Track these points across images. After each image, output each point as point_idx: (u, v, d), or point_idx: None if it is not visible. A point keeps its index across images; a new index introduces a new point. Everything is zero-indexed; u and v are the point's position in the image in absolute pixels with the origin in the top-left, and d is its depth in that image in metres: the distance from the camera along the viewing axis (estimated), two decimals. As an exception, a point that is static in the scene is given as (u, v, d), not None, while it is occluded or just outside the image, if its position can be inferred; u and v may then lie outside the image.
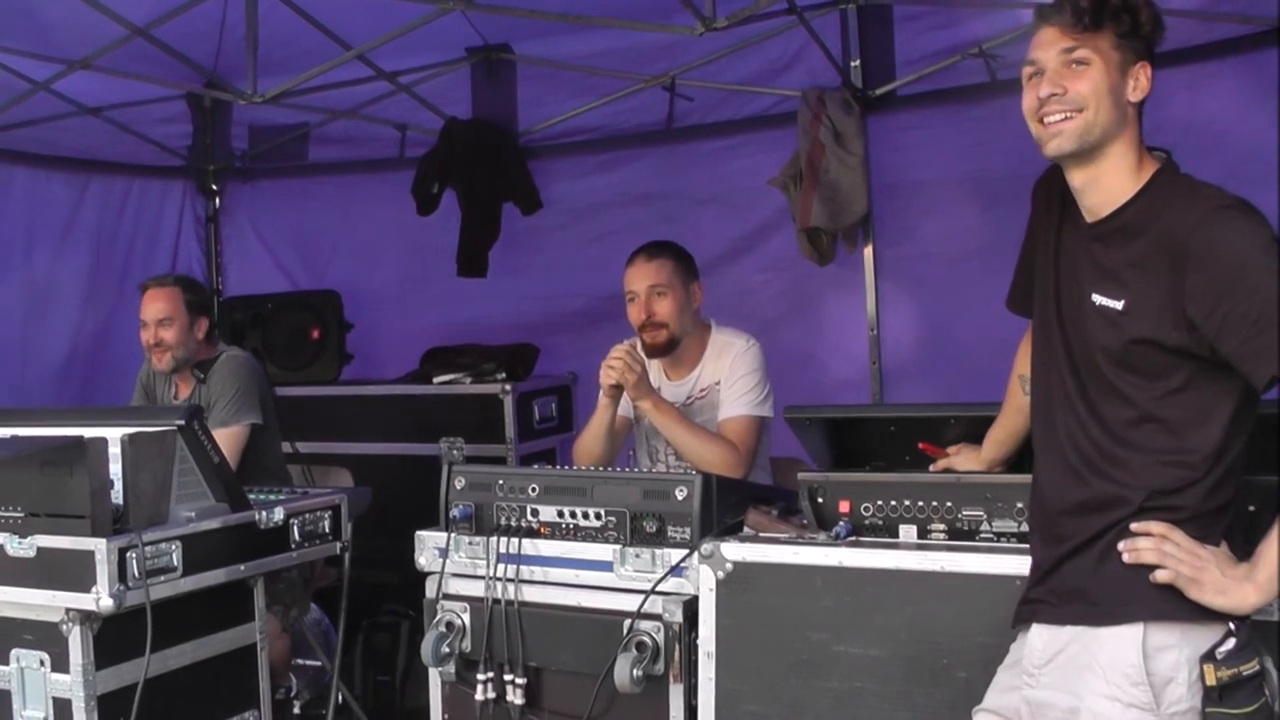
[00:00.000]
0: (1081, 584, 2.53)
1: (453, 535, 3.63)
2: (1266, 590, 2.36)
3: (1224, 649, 2.38)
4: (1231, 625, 2.39)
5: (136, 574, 3.34)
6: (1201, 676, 2.38)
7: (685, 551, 3.32)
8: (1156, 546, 2.42)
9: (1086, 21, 2.47)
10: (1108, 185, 2.54)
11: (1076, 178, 2.57)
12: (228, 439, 4.67)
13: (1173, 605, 2.41)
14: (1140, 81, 2.51)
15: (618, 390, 4.22)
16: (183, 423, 3.58)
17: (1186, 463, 2.44)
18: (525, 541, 3.54)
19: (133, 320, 5.12)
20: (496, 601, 3.52)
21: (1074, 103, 2.49)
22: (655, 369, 4.48)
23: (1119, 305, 2.47)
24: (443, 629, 3.57)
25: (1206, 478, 2.44)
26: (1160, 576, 2.40)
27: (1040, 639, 2.60)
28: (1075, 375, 2.57)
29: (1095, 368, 2.52)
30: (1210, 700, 2.38)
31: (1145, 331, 2.42)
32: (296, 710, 4.95)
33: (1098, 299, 2.51)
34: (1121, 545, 2.46)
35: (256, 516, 3.81)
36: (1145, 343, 2.43)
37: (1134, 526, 2.46)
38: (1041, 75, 2.53)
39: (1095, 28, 2.47)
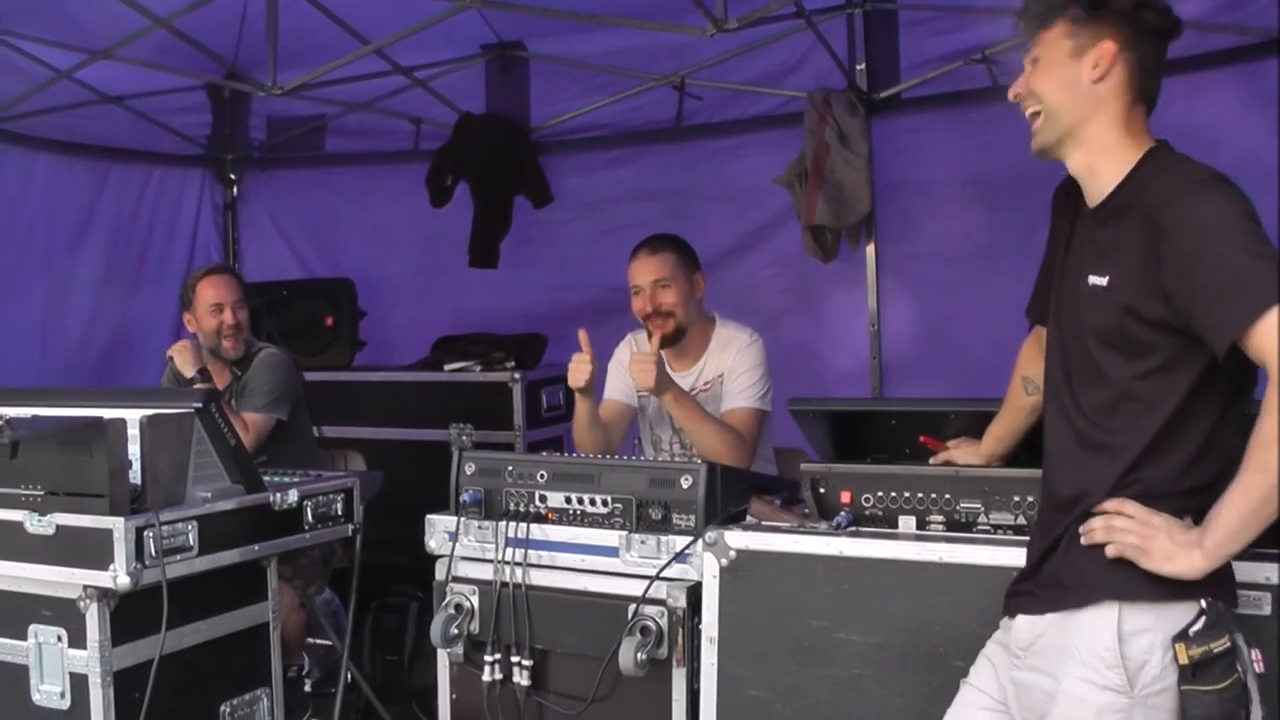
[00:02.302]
0: (1055, 572, 2.56)
1: (462, 519, 3.67)
2: (1214, 555, 2.36)
3: (1196, 628, 2.39)
4: (1203, 604, 2.40)
5: (153, 552, 3.36)
6: (1175, 656, 2.39)
7: (690, 538, 3.36)
8: (1106, 524, 2.44)
9: (1035, 24, 2.56)
10: (1099, 169, 2.56)
11: (1071, 168, 2.62)
12: (254, 425, 4.80)
13: (1142, 585, 2.42)
14: (1100, 60, 2.51)
15: (585, 388, 4.27)
16: (200, 405, 3.60)
17: (1159, 444, 2.44)
18: (533, 527, 3.58)
19: (151, 306, 5.14)
20: (504, 585, 3.57)
21: (1034, 99, 2.57)
22: (660, 361, 4.55)
23: (1104, 282, 2.48)
24: (451, 611, 3.61)
25: (1177, 454, 2.44)
26: (1110, 551, 2.43)
27: (1024, 622, 2.63)
28: (1065, 364, 2.60)
29: (1084, 350, 2.53)
30: (1184, 679, 2.38)
31: (1126, 300, 2.43)
32: (307, 688, 5.00)
33: (1091, 280, 2.52)
34: (1081, 529, 2.49)
35: (271, 498, 3.83)
36: (1127, 315, 2.43)
37: (1094, 509, 2.48)
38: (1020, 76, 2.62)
39: (1047, 25, 2.54)
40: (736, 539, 3.24)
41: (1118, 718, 2.43)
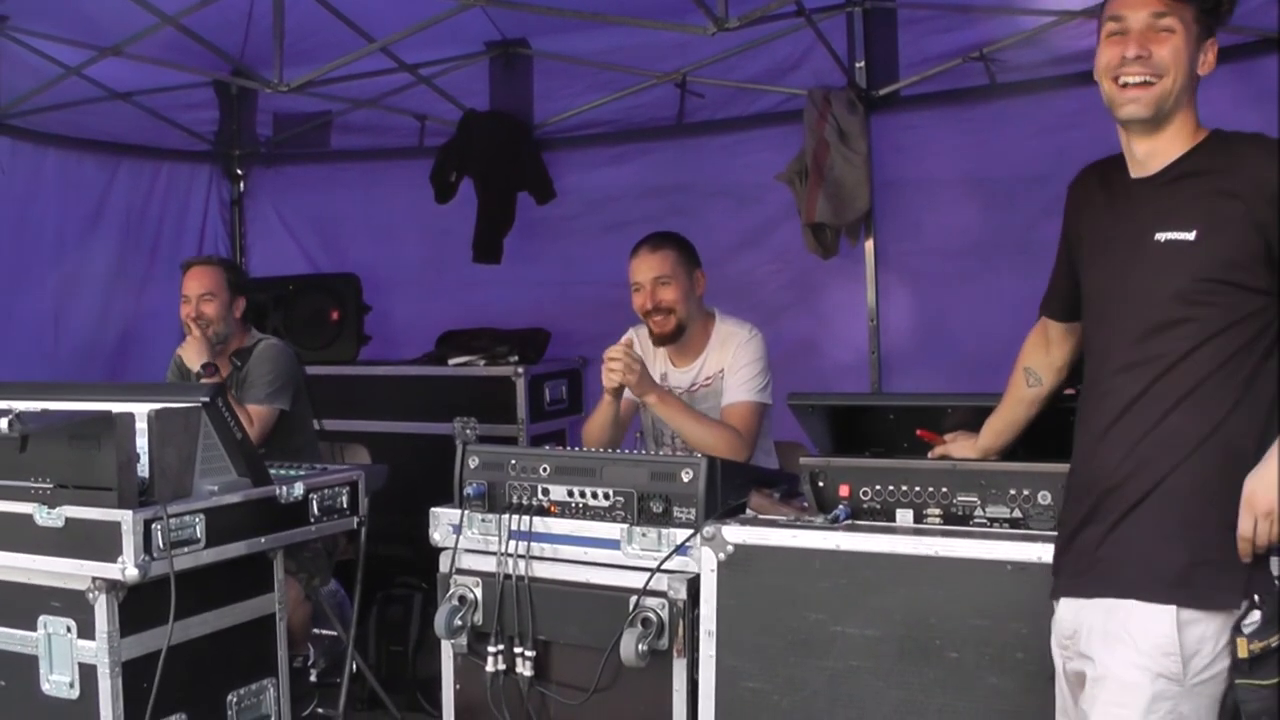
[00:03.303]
0: (1108, 553, 2.57)
1: (466, 512, 3.70)
2: None
3: (1250, 621, 2.40)
4: (1256, 597, 2.42)
5: (161, 545, 3.38)
6: (1233, 649, 2.41)
7: (690, 531, 3.38)
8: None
9: None
10: (1163, 148, 2.61)
11: (1140, 144, 2.63)
12: (258, 416, 4.79)
13: (1202, 594, 2.45)
14: (1209, 58, 2.58)
15: (619, 389, 4.27)
16: (208, 400, 3.62)
17: (1245, 397, 2.47)
18: (536, 519, 3.61)
19: (161, 299, 5.15)
20: (508, 577, 3.60)
21: (1156, 67, 2.54)
22: (661, 357, 4.56)
23: (1190, 235, 2.49)
24: (455, 602, 3.65)
25: (1261, 402, 2.46)
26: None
27: (1067, 609, 2.66)
28: (1124, 334, 2.61)
29: (1158, 312, 2.52)
30: (1240, 671, 2.41)
31: (1220, 252, 2.43)
32: (313, 678, 4.99)
33: (1163, 236, 2.53)
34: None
35: (277, 491, 3.85)
36: (1220, 266, 2.45)
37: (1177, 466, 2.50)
38: (1124, 34, 2.57)
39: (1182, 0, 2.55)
40: (734, 533, 3.27)
41: (1168, 704, 2.46)
